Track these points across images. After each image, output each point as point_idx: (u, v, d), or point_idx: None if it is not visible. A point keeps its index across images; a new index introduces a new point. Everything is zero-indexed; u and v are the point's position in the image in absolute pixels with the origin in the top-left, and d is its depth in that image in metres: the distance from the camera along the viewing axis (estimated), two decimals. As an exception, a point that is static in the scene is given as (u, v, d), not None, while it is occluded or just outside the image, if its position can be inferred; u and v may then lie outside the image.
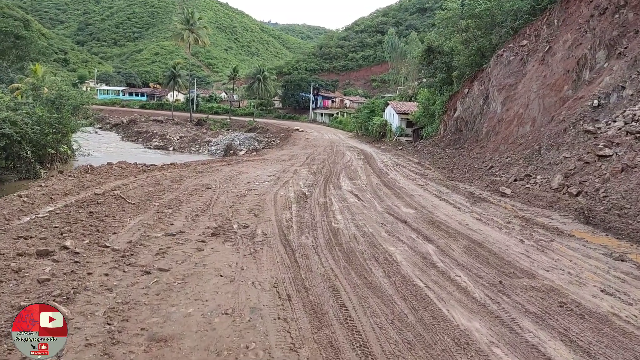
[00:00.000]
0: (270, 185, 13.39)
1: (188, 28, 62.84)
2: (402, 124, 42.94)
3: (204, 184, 12.82)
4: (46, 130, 20.82)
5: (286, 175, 15.72)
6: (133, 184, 12.30)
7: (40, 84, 28.49)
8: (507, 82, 23.61)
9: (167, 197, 10.77)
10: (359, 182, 15.22)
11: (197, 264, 6.09)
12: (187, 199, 10.62)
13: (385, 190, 13.76)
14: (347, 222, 9.21)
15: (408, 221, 9.48)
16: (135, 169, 14.74)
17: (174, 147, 44.33)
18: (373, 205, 11.24)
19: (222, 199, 10.85)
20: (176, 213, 9.09)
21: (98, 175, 13.41)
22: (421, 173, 18.68)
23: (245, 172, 15.68)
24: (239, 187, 12.78)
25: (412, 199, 12.41)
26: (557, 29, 22.43)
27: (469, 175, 17.35)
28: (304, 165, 19.19)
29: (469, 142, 24.42)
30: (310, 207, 10.59)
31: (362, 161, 22.59)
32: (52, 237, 7.10)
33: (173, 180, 13.20)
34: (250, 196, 11.45)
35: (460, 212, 10.88)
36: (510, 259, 7.20)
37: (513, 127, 21.25)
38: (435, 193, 13.59)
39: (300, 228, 8.49)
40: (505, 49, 25.38)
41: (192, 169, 15.89)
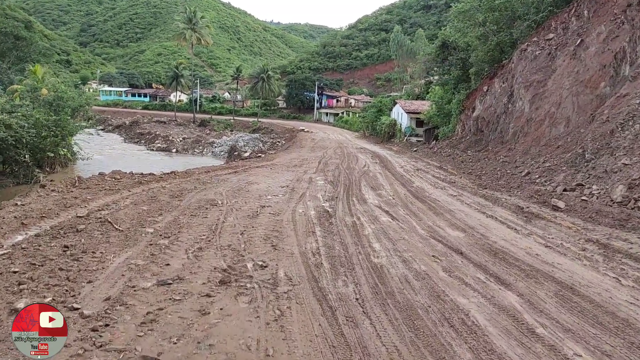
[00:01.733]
0: (285, 199, 11.38)
1: (190, 27, 60.88)
2: (412, 123, 40.97)
3: (209, 200, 10.82)
4: (43, 133, 19.45)
5: (301, 185, 13.70)
6: (125, 200, 10.32)
7: (39, 85, 27.55)
8: (535, 79, 21.51)
9: (164, 219, 8.78)
10: (384, 193, 13.20)
11: (199, 344, 4.09)
12: (188, 222, 8.62)
13: (418, 203, 11.73)
14: (389, 254, 7.21)
15: (464, 251, 7.47)
16: (130, 181, 12.75)
17: (177, 149, 42.56)
18: (411, 226, 9.22)
19: (230, 221, 8.86)
20: (174, 245, 7.10)
21: (86, 190, 11.43)
22: (448, 180, 16.66)
23: (255, 183, 13.66)
24: (250, 202, 10.78)
25: (453, 215, 10.39)
26: (587, 20, 20.32)
27: (503, 182, 15.31)
28: (318, 173, 17.17)
29: (492, 143, 22.35)
30: (338, 230, 8.59)
31: (379, 166, 20.55)
32: (4, 292, 5.14)
33: (172, 194, 11.21)
34: (263, 216, 9.44)
35: (519, 234, 8.85)
36: (624, 315, 5.20)
37: (544, 127, 19.20)
38: (476, 207, 11.57)
39: (333, 266, 6.49)
40: (529, 43, 23.29)
41: (194, 179, 13.88)
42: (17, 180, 17.72)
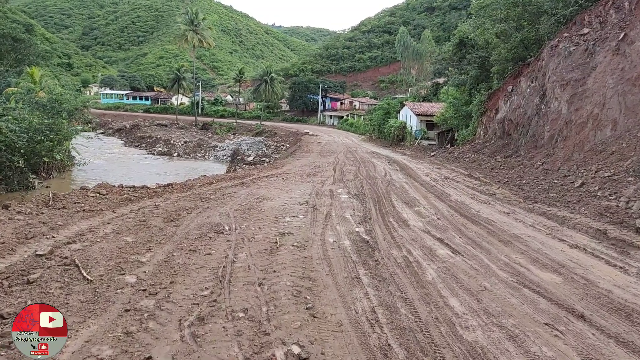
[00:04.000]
0: (308, 222, 8.93)
1: (192, 29, 58.61)
2: (422, 126, 38.71)
3: (213, 224, 8.39)
4: (37, 137, 18.19)
5: (322, 201, 11.26)
6: (106, 227, 7.90)
7: (36, 87, 26.38)
8: (572, 77, 19.12)
9: (152, 258, 6.35)
10: (424, 210, 10.76)
11: None
12: (185, 263, 6.19)
13: (471, 226, 9.30)
14: (481, 322, 4.76)
15: (584, 314, 5.06)
16: (117, 197, 10.31)
17: (178, 153, 40.32)
18: (483, 264, 6.79)
19: (242, 260, 6.43)
20: (162, 311, 4.67)
21: (60, 211, 9.00)
22: (485, 190, 14.24)
23: (267, 199, 11.20)
24: (265, 228, 8.35)
25: (525, 244, 7.95)
26: (630, 13, 17.95)
27: (556, 195, 12.87)
28: (337, 183, 14.72)
29: (524, 148, 19.95)
30: (390, 273, 6.17)
31: (402, 174, 18.11)
32: None
33: (167, 217, 8.76)
34: (286, 250, 7.00)
35: (630, 276, 6.42)
36: None
37: (587, 130, 16.84)
38: (543, 230, 9.14)
39: (409, 353, 4.09)
40: (559, 39, 20.97)
41: (195, 194, 11.41)
42: (10, 186, 16.55)
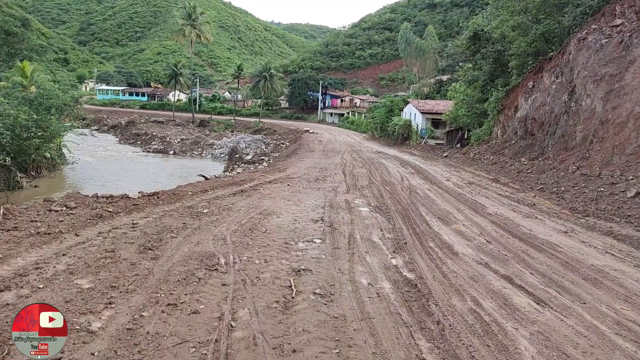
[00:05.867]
0: (329, 251, 6.78)
1: (190, 23, 56.10)
2: (428, 124, 36.65)
3: (204, 254, 6.22)
4: (24, 134, 16.99)
5: (340, 216, 9.08)
6: (59, 261, 5.72)
7: (27, 82, 25.01)
8: (606, 72, 17.03)
9: (108, 324, 4.18)
10: (464, 228, 8.62)
11: None
12: (156, 335, 4.00)
13: (535, 253, 7.16)
14: None
15: None
16: (87, 211, 8.09)
17: (174, 151, 38.13)
18: (589, 325, 4.66)
19: (244, 326, 4.28)
20: None
21: (9, 233, 6.80)
22: (522, 200, 12.15)
23: (273, 213, 9.00)
24: (273, 261, 6.19)
25: (623, 287, 5.83)
26: (670, 0, 15.86)
27: (608, 207, 10.80)
28: (352, 191, 12.53)
29: (553, 150, 17.85)
30: (467, 348, 4.08)
31: (420, 178, 15.96)
32: None
33: (144, 243, 6.56)
34: (306, 305, 4.83)
35: None
36: None
37: (628, 131, 14.78)
38: (628, 260, 7.02)
39: None
40: (588, 31, 18.88)
41: (184, 206, 9.18)
42: (-5, 187, 15.20)
